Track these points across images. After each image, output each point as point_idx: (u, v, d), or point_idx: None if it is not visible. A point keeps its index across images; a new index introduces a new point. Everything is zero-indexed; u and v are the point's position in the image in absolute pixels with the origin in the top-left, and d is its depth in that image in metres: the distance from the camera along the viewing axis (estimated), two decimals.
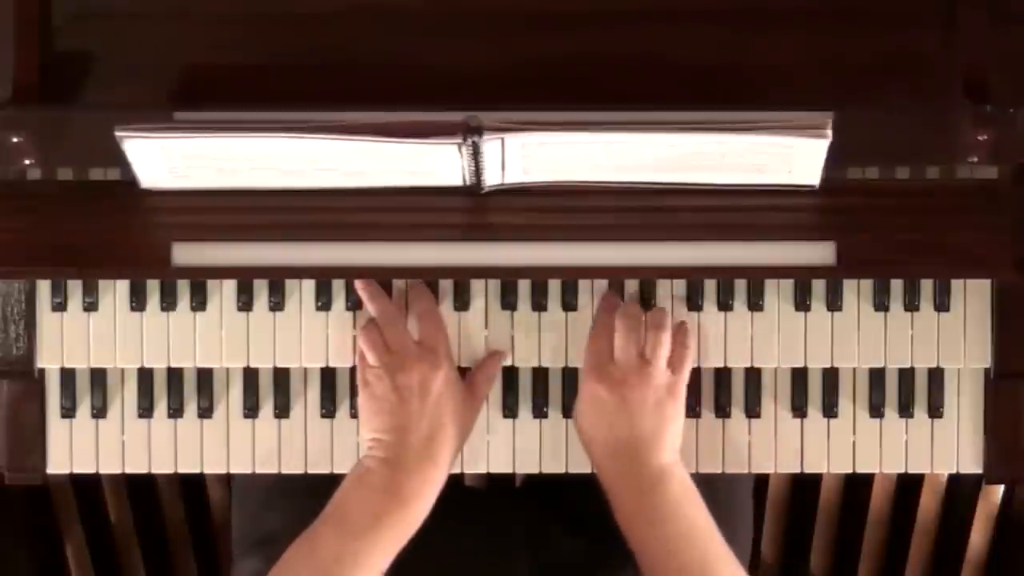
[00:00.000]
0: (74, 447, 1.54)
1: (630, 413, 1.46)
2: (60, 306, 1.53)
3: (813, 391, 1.54)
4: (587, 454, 1.49)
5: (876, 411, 1.54)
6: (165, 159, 1.40)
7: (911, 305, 1.53)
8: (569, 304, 1.53)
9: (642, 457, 1.45)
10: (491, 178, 1.43)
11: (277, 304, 1.53)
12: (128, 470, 1.55)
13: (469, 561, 1.53)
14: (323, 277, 1.52)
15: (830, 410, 1.54)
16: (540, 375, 1.54)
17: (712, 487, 1.60)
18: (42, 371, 1.54)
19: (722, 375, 1.54)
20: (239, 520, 1.65)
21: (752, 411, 1.54)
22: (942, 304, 1.52)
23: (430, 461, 1.45)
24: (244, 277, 1.52)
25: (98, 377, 1.54)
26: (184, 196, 1.44)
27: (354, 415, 1.53)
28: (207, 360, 1.53)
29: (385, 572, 1.43)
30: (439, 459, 1.45)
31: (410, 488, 1.44)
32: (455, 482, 1.52)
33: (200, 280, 1.52)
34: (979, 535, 1.85)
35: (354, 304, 1.53)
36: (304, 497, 1.51)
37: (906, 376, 1.54)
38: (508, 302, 1.53)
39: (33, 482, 1.55)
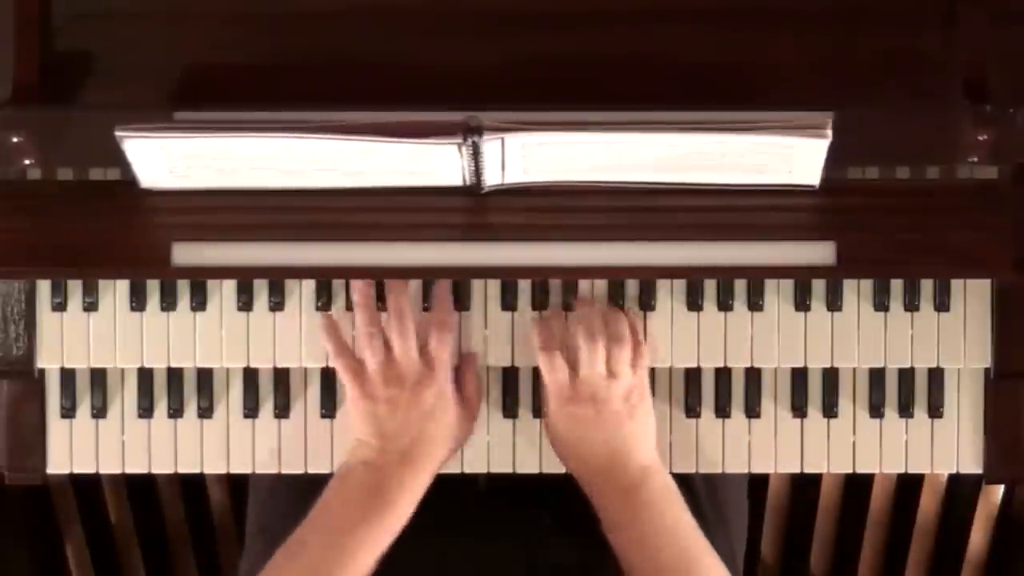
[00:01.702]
0: (74, 447, 1.54)
1: (604, 427, 1.47)
2: (60, 306, 1.53)
3: (813, 391, 1.54)
4: (566, 468, 1.50)
5: (876, 411, 1.54)
6: (165, 159, 1.40)
7: (911, 305, 1.53)
8: (569, 304, 1.53)
9: (621, 464, 1.47)
10: (491, 178, 1.43)
11: (277, 304, 1.53)
12: (128, 470, 1.55)
13: (464, 561, 1.53)
14: (323, 277, 1.51)
15: (830, 410, 1.54)
16: (540, 375, 1.54)
17: (708, 484, 1.60)
18: (42, 371, 1.54)
19: (722, 375, 1.54)
20: (253, 506, 1.66)
21: (752, 411, 1.54)
22: (942, 304, 1.52)
23: (411, 467, 1.46)
24: (244, 277, 1.52)
25: (98, 377, 1.54)
26: (184, 196, 1.44)
27: None
28: (207, 360, 1.53)
29: (376, 571, 1.44)
30: (420, 466, 1.47)
31: (391, 490, 1.45)
32: (452, 482, 1.52)
33: (200, 280, 1.52)
34: (979, 535, 1.85)
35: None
36: (316, 490, 1.52)
37: (906, 376, 1.54)
38: (508, 302, 1.53)
39: (33, 482, 1.55)
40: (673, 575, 1.44)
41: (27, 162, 1.44)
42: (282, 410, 1.54)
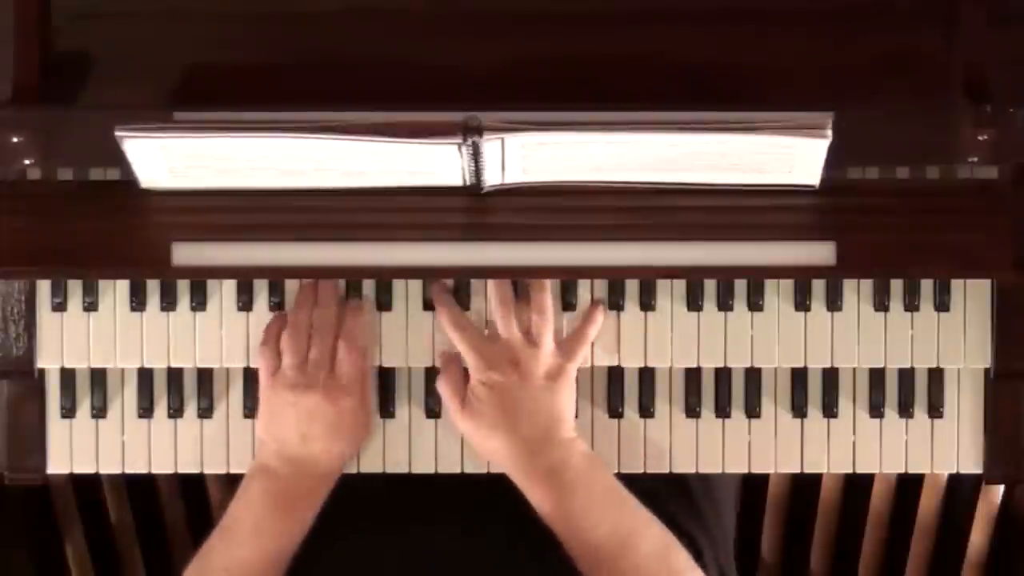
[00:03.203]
0: (74, 447, 1.54)
1: (524, 392, 1.46)
2: (60, 306, 1.53)
3: (813, 391, 1.54)
4: (483, 450, 1.49)
5: (876, 411, 1.54)
6: (165, 159, 1.40)
7: (911, 305, 1.53)
8: (569, 304, 1.53)
9: (549, 439, 1.46)
10: (491, 178, 1.43)
11: (277, 304, 1.53)
12: (128, 470, 1.55)
13: (447, 540, 1.52)
14: (323, 277, 1.51)
15: (830, 410, 1.54)
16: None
17: (703, 480, 1.60)
18: (42, 371, 1.54)
19: (722, 375, 1.54)
20: None
21: (752, 411, 1.54)
22: (942, 304, 1.52)
23: (308, 472, 1.47)
24: (244, 277, 1.52)
25: (98, 377, 1.54)
26: (184, 196, 1.44)
27: None
28: (207, 360, 1.53)
29: (359, 557, 1.46)
30: (319, 470, 1.47)
31: (289, 496, 1.46)
32: (441, 475, 1.53)
33: (200, 280, 1.52)
34: (979, 535, 1.85)
35: (354, 304, 1.53)
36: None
37: (906, 376, 1.54)
38: None
39: (33, 482, 1.55)
40: (611, 548, 1.43)
41: (27, 162, 1.44)
42: None
